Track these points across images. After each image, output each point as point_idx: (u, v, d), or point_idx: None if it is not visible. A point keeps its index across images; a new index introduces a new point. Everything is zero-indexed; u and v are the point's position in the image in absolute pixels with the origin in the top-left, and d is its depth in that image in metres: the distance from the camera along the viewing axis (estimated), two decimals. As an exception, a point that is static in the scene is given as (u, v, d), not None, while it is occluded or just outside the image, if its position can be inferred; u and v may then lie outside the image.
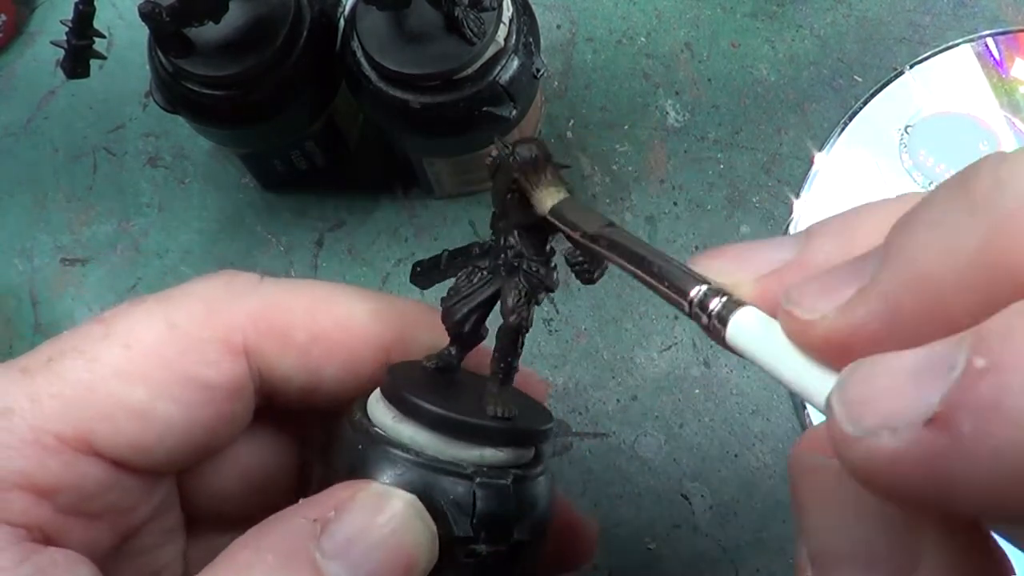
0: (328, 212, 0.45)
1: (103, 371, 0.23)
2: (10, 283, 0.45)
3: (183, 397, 0.23)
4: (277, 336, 0.25)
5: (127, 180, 0.46)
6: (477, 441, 0.23)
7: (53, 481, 0.22)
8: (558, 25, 0.47)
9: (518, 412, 0.23)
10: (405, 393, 0.23)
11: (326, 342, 0.25)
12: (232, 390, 0.24)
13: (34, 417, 0.22)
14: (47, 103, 0.48)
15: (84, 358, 0.23)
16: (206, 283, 0.25)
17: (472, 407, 0.23)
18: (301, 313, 0.25)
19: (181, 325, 0.24)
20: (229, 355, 0.24)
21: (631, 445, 0.41)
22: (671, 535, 0.40)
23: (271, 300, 0.25)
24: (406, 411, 0.23)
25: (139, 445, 0.23)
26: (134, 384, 0.23)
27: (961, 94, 0.43)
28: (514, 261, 0.23)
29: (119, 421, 0.23)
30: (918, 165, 0.42)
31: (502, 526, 0.22)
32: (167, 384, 0.23)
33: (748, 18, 0.46)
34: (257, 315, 0.25)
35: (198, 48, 0.36)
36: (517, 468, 0.23)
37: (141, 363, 0.23)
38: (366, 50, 0.36)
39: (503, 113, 0.36)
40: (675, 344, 0.42)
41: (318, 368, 0.25)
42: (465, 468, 0.22)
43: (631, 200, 0.44)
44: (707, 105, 0.45)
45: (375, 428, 0.23)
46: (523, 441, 0.23)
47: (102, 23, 0.35)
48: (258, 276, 0.26)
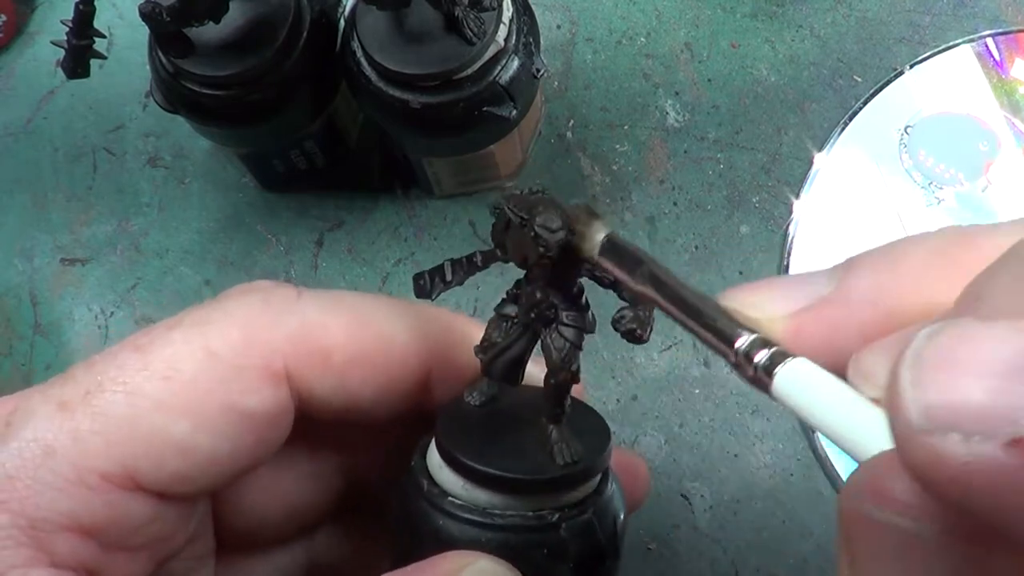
0: (328, 212, 0.45)
1: (144, 404, 0.22)
2: (10, 283, 0.45)
3: (226, 428, 0.23)
4: (317, 359, 0.24)
5: (127, 180, 0.46)
6: (554, 493, 0.23)
7: (99, 520, 0.22)
8: (558, 25, 0.47)
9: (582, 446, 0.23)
10: (471, 463, 0.23)
11: (365, 364, 0.24)
12: (274, 417, 0.24)
13: (77, 456, 0.22)
14: (47, 103, 0.47)
15: (124, 390, 0.22)
16: (243, 302, 0.24)
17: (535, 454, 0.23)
18: (340, 334, 0.24)
19: (220, 353, 0.23)
20: (270, 381, 0.23)
21: (631, 445, 0.41)
22: (671, 535, 0.40)
23: (310, 320, 0.24)
24: (475, 480, 0.23)
25: (183, 477, 0.23)
26: (176, 418, 0.22)
27: (961, 94, 0.43)
28: (548, 313, 0.23)
29: (163, 456, 0.22)
30: (918, 165, 0.42)
31: (596, 557, 0.23)
32: (209, 416, 0.23)
33: (748, 18, 0.46)
34: (296, 338, 0.24)
35: (198, 48, 0.36)
36: (593, 495, 0.23)
37: (182, 396, 0.22)
38: (366, 50, 0.36)
39: (503, 113, 0.36)
40: (675, 344, 0.42)
41: (357, 390, 0.25)
42: (549, 517, 0.22)
43: (631, 200, 0.44)
44: (707, 105, 0.45)
45: (450, 498, 0.23)
46: (595, 473, 0.23)
47: (102, 23, 0.35)
48: (295, 291, 0.25)
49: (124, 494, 0.22)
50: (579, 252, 0.21)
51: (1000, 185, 0.42)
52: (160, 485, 0.23)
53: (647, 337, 0.22)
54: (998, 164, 0.42)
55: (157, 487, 0.23)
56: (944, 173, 0.42)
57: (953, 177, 0.42)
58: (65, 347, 0.44)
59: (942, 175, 0.42)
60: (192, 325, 0.23)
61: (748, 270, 0.43)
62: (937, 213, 0.42)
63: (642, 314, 0.22)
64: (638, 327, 0.22)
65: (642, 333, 0.22)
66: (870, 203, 0.42)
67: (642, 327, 0.22)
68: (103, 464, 0.22)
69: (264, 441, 0.24)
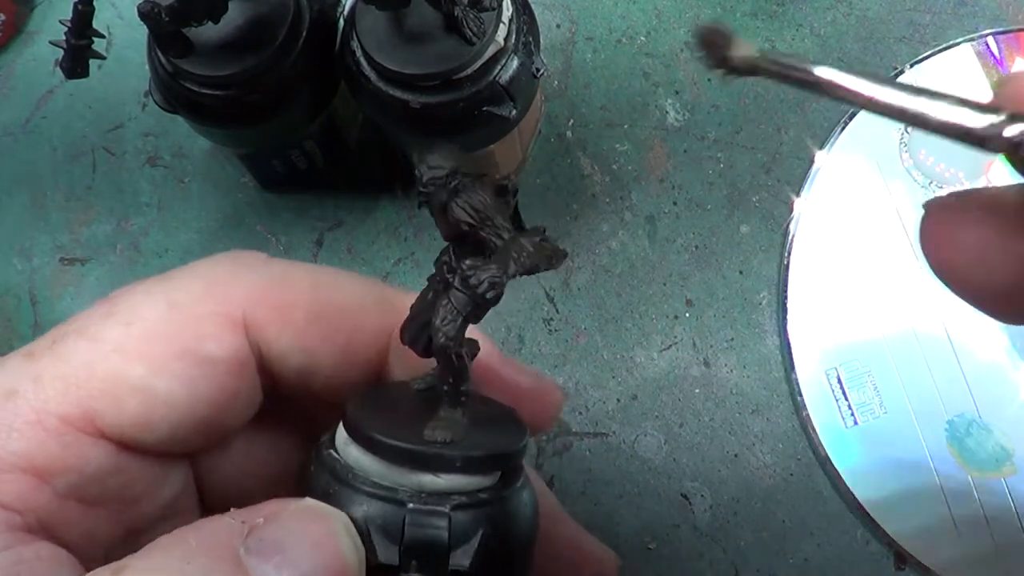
0: (328, 212, 0.45)
1: (103, 349, 0.23)
2: (9, 283, 0.45)
3: (183, 372, 0.23)
4: (276, 312, 0.25)
5: (126, 180, 0.46)
6: (414, 467, 0.22)
7: (53, 462, 0.22)
8: (558, 24, 0.47)
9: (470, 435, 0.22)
10: (350, 412, 0.22)
11: (324, 324, 0.25)
12: (233, 363, 0.24)
13: (37, 398, 0.22)
14: (46, 103, 0.47)
15: (86, 337, 0.23)
16: (211, 262, 0.25)
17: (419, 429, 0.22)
18: (301, 292, 0.25)
19: (181, 302, 0.24)
20: (228, 329, 0.24)
21: (631, 445, 0.41)
22: (671, 535, 0.40)
23: (273, 277, 0.25)
24: (352, 433, 0.22)
25: (142, 422, 0.23)
26: (133, 361, 0.23)
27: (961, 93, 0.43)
28: (448, 276, 0.22)
29: (120, 398, 0.23)
30: (918, 164, 0.42)
31: (436, 556, 0.21)
32: (166, 359, 0.23)
33: (748, 17, 0.46)
34: (257, 291, 0.25)
35: (197, 48, 0.36)
36: (464, 494, 0.22)
37: (140, 340, 0.23)
38: (366, 50, 0.36)
39: (503, 113, 0.36)
40: (675, 344, 0.42)
41: (315, 350, 0.25)
42: (399, 494, 0.21)
43: (631, 200, 0.44)
44: (707, 105, 0.45)
45: (329, 451, 0.23)
46: (464, 469, 0.22)
47: (101, 23, 0.35)
48: (265, 255, 0.26)
49: (83, 438, 0.22)
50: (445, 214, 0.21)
51: (1000, 184, 0.42)
52: (120, 430, 0.23)
53: (484, 292, 0.21)
54: (998, 163, 0.42)
55: (118, 432, 0.23)
56: (944, 172, 0.42)
57: (953, 176, 0.42)
58: (65, 347, 0.44)
59: (942, 174, 0.42)
60: (158, 281, 0.24)
61: (748, 270, 0.43)
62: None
63: (487, 267, 0.21)
64: (473, 277, 0.21)
65: (477, 285, 0.21)
66: (870, 202, 0.42)
67: (478, 279, 0.21)
68: (63, 407, 0.22)
69: (226, 391, 0.24)
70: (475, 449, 0.22)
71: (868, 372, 0.40)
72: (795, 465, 0.40)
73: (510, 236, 0.21)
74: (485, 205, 0.21)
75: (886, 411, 0.40)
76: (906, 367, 0.40)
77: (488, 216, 0.21)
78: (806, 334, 0.41)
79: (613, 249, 0.44)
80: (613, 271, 0.43)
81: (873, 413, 0.40)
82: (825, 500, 0.40)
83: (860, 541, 0.39)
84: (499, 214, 0.21)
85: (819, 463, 0.40)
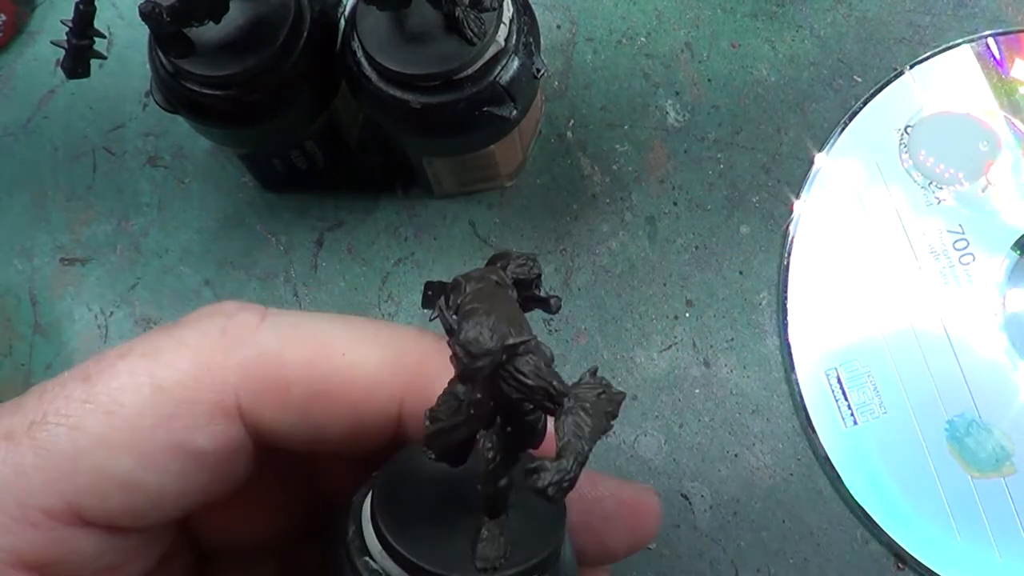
0: (328, 212, 0.45)
1: (86, 440, 0.21)
2: (9, 283, 0.45)
3: (172, 466, 0.22)
4: (273, 394, 0.22)
5: (127, 180, 0.46)
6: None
7: (44, 556, 0.21)
8: (558, 25, 0.47)
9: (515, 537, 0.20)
10: (387, 536, 0.20)
11: (327, 398, 0.23)
12: (225, 454, 0.23)
13: (20, 491, 0.21)
14: (47, 103, 0.47)
15: (67, 424, 0.21)
16: (198, 329, 0.23)
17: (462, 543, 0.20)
18: (300, 365, 0.23)
19: (167, 386, 0.22)
20: (221, 418, 0.22)
21: (631, 445, 0.41)
22: (671, 535, 0.40)
23: (266, 351, 0.23)
24: (391, 554, 0.20)
25: (130, 513, 0.22)
26: (118, 455, 0.21)
27: (961, 94, 0.43)
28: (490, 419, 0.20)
29: (106, 492, 0.22)
30: (918, 165, 0.42)
31: None
32: (154, 453, 0.22)
33: (748, 18, 0.46)
34: (250, 370, 0.22)
35: (198, 48, 0.36)
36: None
37: (125, 432, 0.22)
38: (366, 50, 0.36)
39: (503, 113, 0.36)
40: (675, 344, 0.42)
41: (322, 424, 0.23)
42: None
43: (631, 200, 0.44)
44: (707, 105, 0.45)
45: (366, 558, 0.21)
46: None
47: (102, 22, 0.35)
48: (260, 315, 0.23)
49: (70, 529, 0.21)
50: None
51: (1000, 185, 0.42)
52: (108, 519, 0.22)
53: (552, 495, 0.17)
54: (998, 164, 0.42)
55: (105, 522, 0.22)
56: (944, 173, 0.42)
57: (953, 177, 0.42)
58: (65, 347, 0.44)
59: (942, 175, 0.42)
60: (141, 356, 0.22)
61: (748, 270, 0.43)
62: (937, 213, 0.42)
63: (552, 466, 0.18)
64: (539, 480, 0.17)
65: (543, 488, 0.17)
66: (870, 203, 0.42)
67: (543, 481, 0.17)
68: (45, 500, 0.21)
69: (218, 478, 0.23)
70: (528, 559, 0.20)
71: (868, 372, 0.40)
72: (795, 465, 0.40)
73: (568, 403, 0.18)
74: (538, 374, 0.18)
75: (886, 411, 0.40)
76: (906, 367, 0.40)
77: (543, 388, 0.18)
78: (806, 334, 0.41)
79: (613, 249, 0.44)
80: (613, 271, 0.43)
81: (873, 413, 0.40)
82: (825, 500, 0.40)
83: (860, 541, 0.39)
84: (552, 373, 0.18)
85: (819, 463, 0.40)
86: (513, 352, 0.18)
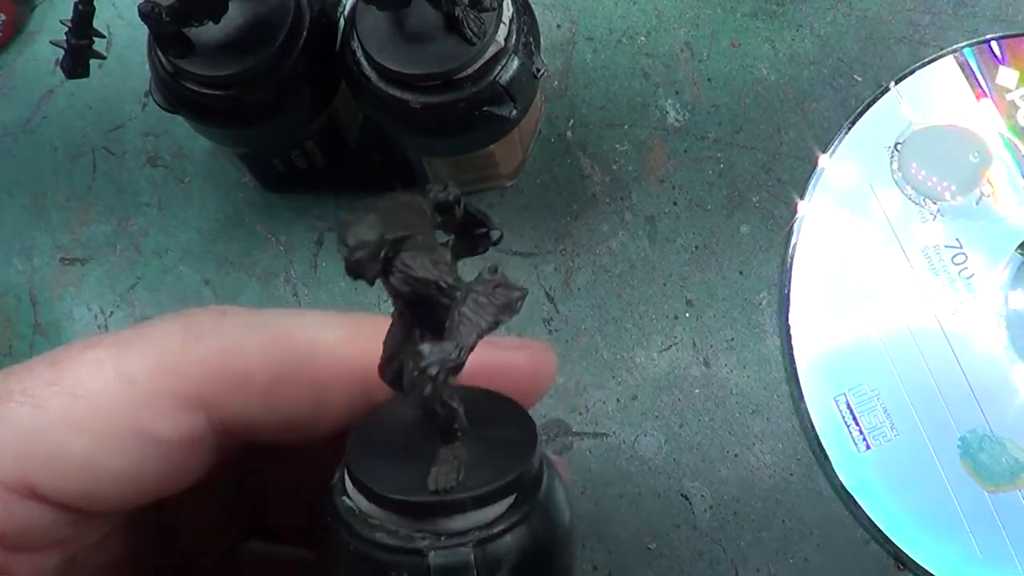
0: (328, 212, 0.45)
1: (48, 419, 0.22)
2: (9, 283, 0.45)
3: (132, 450, 0.22)
4: (234, 383, 0.23)
5: (126, 180, 0.46)
6: (425, 517, 0.21)
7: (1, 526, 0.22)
8: (558, 24, 0.47)
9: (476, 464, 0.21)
10: (351, 464, 0.21)
11: (291, 383, 0.23)
12: (187, 443, 0.23)
13: None
14: (46, 103, 0.47)
15: (31, 403, 0.22)
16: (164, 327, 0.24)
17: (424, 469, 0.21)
18: (259, 353, 0.23)
19: (132, 376, 0.22)
20: (183, 408, 0.23)
21: (631, 445, 0.41)
22: (671, 535, 0.40)
23: (226, 343, 0.23)
24: (357, 487, 0.21)
25: (86, 494, 0.22)
26: (79, 435, 0.22)
27: (948, 106, 0.43)
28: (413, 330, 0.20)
29: (63, 471, 0.22)
30: (908, 179, 0.42)
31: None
32: (115, 438, 0.22)
33: (748, 18, 0.46)
34: (211, 362, 0.23)
35: (198, 48, 0.36)
36: (484, 527, 0.21)
37: (87, 415, 0.22)
38: (366, 50, 0.36)
39: (503, 113, 0.36)
40: (675, 344, 0.42)
41: (287, 410, 0.24)
42: (418, 541, 0.20)
43: (631, 200, 0.44)
44: (707, 105, 0.45)
45: (342, 498, 0.22)
46: (476, 506, 0.21)
47: (101, 22, 0.35)
48: (220, 313, 0.24)
49: (26, 503, 0.22)
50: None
51: (992, 195, 0.42)
52: (62, 498, 0.22)
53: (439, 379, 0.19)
54: (992, 172, 0.42)
55: (59, 500, 0.22)
56: (937, 187, 0.42)
57: (946, 190, 0.42)
58: (65, 347, 0.44)
59: (934, 189, 0.42)
60: (109, 347, 0.23)
61: (748, 270, 0.43)
62: (933, 227, 0.42)
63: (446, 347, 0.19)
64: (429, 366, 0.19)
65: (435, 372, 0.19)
66: (865, 217, 0.42)
67: (438, 364, 0.19)
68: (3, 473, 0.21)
69: (177, 469, 0.23)
70: (482, 484, 0.21)
71: (876, 395, 0.40)
72: (795, 465, 0.40)
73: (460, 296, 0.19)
74: (426, 268, 0.19)
75: (897, 433, 0.39)
76: (913, 384, 0.39)
77: (430, 280, 0.19)
78: (808, 338, 0.41)
79: (613, 249, 0.44)
80: (613, 271, 0.43)
81: (885, 436, 0.39)
82: (825, 500, 0.40)
83: (860, 541, 0.39)
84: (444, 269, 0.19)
85: (819, 463, 0.40)
86: (398, 247, 0.19)
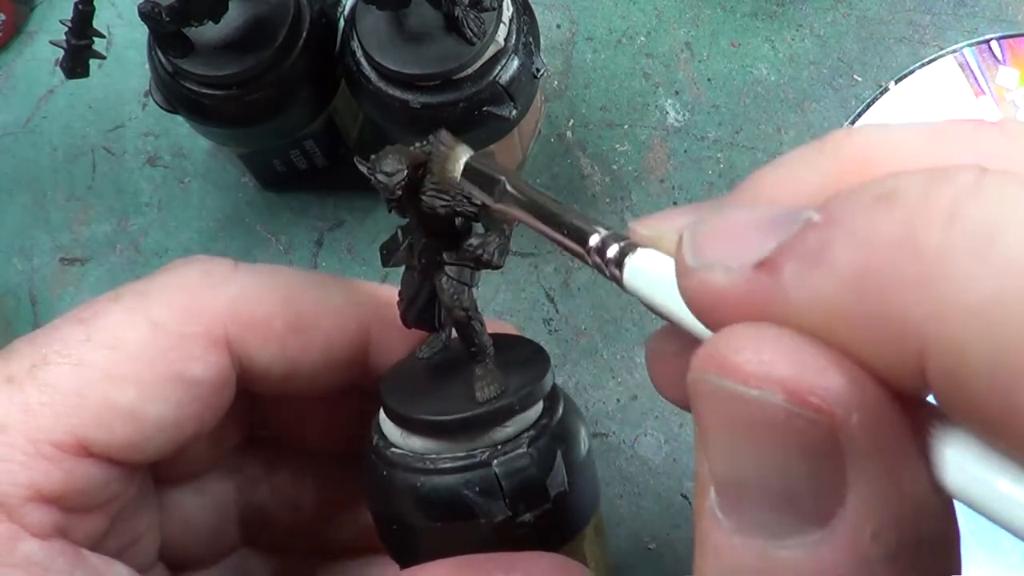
0: (328, 211, 0.45)
1: (90, 375, 0.23)
2: (9, 283, 0.45)
3: (172, 395, 0.23)
4: (257, 326, 0.25)
5: (126, 179, 0.46)
6: (481, 430, 0.23)
7: (58, 488, 0.22)
8: (558, 24, 0.47)
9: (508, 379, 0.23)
10: (400, 411, 0.23)
11: (303, 331, 0.25)
12: (217, 383, 0.24)
13: (29, 429, 0.22)
14: (46, 102, 0.47)
15: (70, 362, 0.23)
16: (182, 273, 0.25)
17: (463, 395, 0.23)
18: (279, 301, 0.25)
19: (163, 322, 0.24)
20: (213, 349, 0.24)
21: (631, 445, 0.41)
22: (671, 535, 0.40)
23: (249, 289, 0.25)
24: (409, 428, 0.23)
25: (132, 444, 0.23)
26: (123, 387, 0.23)
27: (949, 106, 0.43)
28: (435, 257, 0.23)
29: (112, 424, 0.23)
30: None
31: (535, 489, 0.23)
32: (155, 384, 0.23)
33: (748, 18, 0.46)
34: (236, 305, 0.25)
35: (198, 48, 0.36)
36: (530, 428, 0.23)
37: (128, 365, 0.23)
38: (366, 50, 0.36)
39: (503, 113, 0.36)
40: (675, 344, 0.42)
41: (298, 357, 0.25)
42: (479, 456, 0.23)
43: (631, 200, 0.44)
44: (707, 105, 0.45)
45: (391, 448, 0.24)
46: (523, 407, 0.24)
47: (101, 22, 0.35)
48: (232, 262, 0.26)
49: (78, 461, 0.23)
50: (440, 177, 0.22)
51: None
52: (111, 452, 0.23)
53: (497, 261, 0.22)
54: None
55: (108, 453, 0.23)
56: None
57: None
58: (65, 347, 0.44)
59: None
60: (134, 296, 0.24)
61: (748, 270, 0.43)
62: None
63: (491, 239, 0.22)
64: (484, 252, 0.22)
65: (490, 258, 0.22)
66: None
67: (488, 251, 0.22)
68: (55, 435, 0.22)
69: (209, 408, 0.24)
70: (522, 388, 0.23)
71: None
72: (795, 465, 0.40)
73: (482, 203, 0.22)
74: (450, 183, 0.22)
75: None
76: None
77: (457, 192, 0.22)
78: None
79: (613, 249, 0.43)
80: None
81: None
82: (825, 500, 0.40)
83: (860, 541, 0.39)
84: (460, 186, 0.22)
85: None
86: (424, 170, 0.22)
